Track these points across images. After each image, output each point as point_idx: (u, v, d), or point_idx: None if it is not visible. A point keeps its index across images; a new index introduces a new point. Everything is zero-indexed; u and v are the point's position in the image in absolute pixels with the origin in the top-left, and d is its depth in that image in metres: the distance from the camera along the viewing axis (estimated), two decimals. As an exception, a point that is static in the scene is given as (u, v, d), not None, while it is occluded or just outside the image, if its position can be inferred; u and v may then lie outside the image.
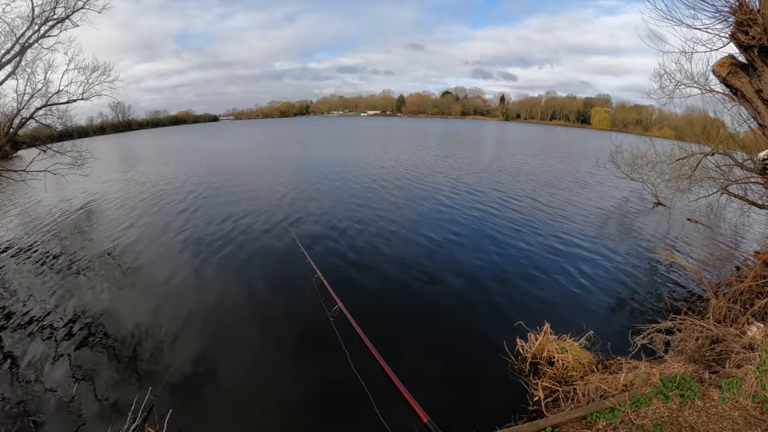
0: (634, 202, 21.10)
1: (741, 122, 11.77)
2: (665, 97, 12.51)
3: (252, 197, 21.23)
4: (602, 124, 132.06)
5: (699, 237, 15.08)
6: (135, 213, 18.80)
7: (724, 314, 7.79)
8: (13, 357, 7.87)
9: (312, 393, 6.85)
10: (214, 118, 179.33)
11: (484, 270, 11.74)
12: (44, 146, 17.71)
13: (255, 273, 11.78)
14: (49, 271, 12.17)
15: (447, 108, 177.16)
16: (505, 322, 8.31)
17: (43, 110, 17.26)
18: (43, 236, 15.76)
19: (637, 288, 10.92)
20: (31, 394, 6.83)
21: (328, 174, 28.28)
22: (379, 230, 15.23)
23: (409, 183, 24.72)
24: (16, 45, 15.16)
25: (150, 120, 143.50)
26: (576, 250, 13.41)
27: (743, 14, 6.73)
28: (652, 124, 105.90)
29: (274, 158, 40.94)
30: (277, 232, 15.09)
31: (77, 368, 7.51)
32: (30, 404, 6.57)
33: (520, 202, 20.02)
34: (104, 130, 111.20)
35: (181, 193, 22.70)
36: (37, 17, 15.20)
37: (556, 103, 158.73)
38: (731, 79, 7.50)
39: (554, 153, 48.52)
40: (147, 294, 10.65)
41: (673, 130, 33.37)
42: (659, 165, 16.27)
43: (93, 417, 6.27)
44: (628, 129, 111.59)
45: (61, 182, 18.96)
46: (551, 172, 31.21)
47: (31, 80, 16.48)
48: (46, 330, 8.82)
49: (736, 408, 5.12)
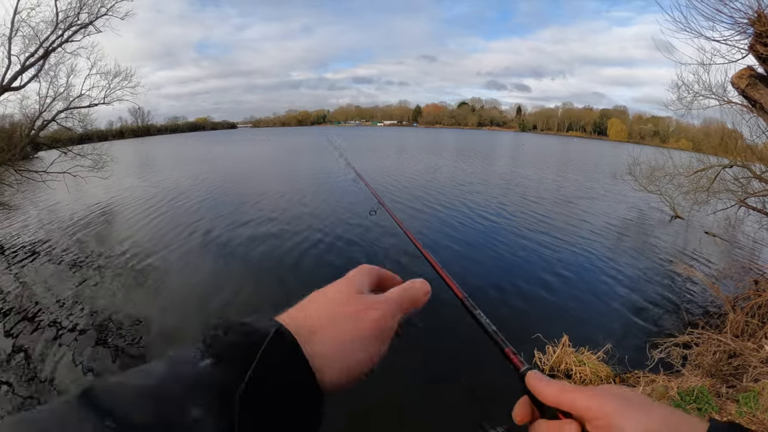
0: (651, 215, 20.85)
1: (759, 134, 11.60)
2: (683, 108, 12.41)
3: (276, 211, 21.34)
4: (619, 136, 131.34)
5: (716, 250, 14.84)
6: (155, 217, 18.93)
7: (741, 328, 7.65)
8: (28, 355, 7.98)
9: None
10: (232, 125, 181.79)
11: (503, 281, 11.64)
12: (65, 148, 18.05)
13: (281, 276, 11.85)
14: (67, 271, 12.35)
15: (463, 119, 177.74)
16: (523, 333, 8.17)
17: (65, 113, 17.62)
18: (62, 236, 15.98)
19: (655, 301, 10.77)
20: (44, 392, 6.91)
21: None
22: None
23: (427, 193, 24.69)
24: (40, 49, 15.54)
25: (168, 126, 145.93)
26: (594, 263, 13.28)
27: (762, 26, 6.67)
28: (669, 136, 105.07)
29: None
30: (306, 240, 15.18)
31: (92, 369, 7.57)
32: (37, 402, 6.61)
33: (537, 214, 19.88)
34: (123, 134, 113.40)
35: (202, 199, 22.93)
36: (61, 22, 15.58)
37: (573, 115, 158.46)
38: (750, 91, 7.41)
39: (572, 165, 48.21)
40: (165, 296, 10.73)
41: (690, 141, 33.06)
42: (677, 177, 16.07)
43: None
44: (645, 141, 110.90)
45: (80, 184, 19.23)
46: (569, 184, 31.02)
47: (53, 83, 16.84)
48: (61, 329, 8.92)
49: (753, 422, 5.02)
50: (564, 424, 0.66)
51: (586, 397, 0.64)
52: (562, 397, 0.67)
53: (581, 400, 0.64)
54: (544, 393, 0.69)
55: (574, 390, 0.66)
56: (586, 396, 0.64)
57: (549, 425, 0.68)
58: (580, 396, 0.65)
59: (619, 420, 0.60)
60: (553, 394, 0.68)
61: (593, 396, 0.64)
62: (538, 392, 0.70)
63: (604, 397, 0.63)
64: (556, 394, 0.67)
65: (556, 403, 0.68)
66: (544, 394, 0.69)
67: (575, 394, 0.65)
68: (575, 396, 0.65)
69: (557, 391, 0.68)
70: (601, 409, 0.62)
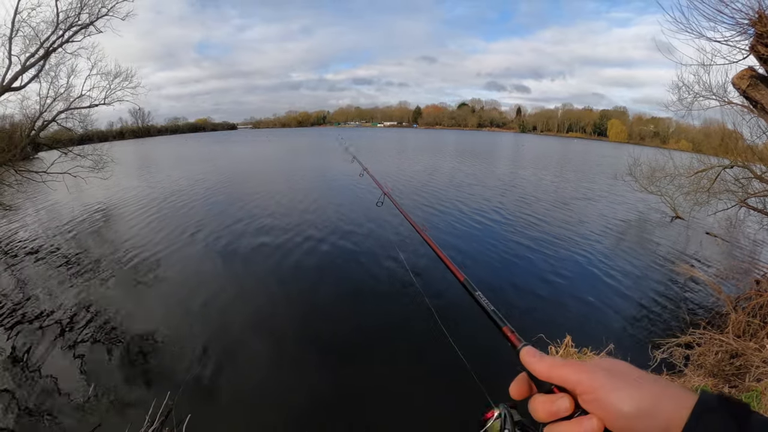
0: (652, 216, 20.82)
1: (760, 134, 11.59)
2: (684, 109, 12.38)
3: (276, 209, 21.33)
4: (619, 137, 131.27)
5: (718, 251, 14.84)
6: (157, 218, 18.94)
7: (743, 328, 7.64)
8: (30, 357, 7.95)
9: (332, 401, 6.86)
10: (233, 126, 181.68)
11: (505, 282, 11.65)
12: (65, 149, 18.05)
13: (284, 278, 11.82)
14: (68, 272, 12.33)
15: (463, 120, 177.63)
16: (526, 333, 8.13)
17: (65, 114, 17.62)
18: (62, 237, 15.99)
19: (657, 302, 10.77)
20: (48, 393, 6.88)
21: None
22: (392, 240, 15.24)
23: (426, 197, 24.68)
24: (41, 49, 15.53)
25: (169, 126, 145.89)
26: (595, 264, 13.28)
27: (763, 26, 6.66)
28: (669, 137, 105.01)
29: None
30: (309, 239, 15.16)
31: (94, 370, 7.54)
32: (47, 404, 6.61)
33: (538, 215, 19.88)
34: (123, 135, 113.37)
35: (205, 199, 22.93)
36: (62, 22, 15.58)
37: (573, 115, 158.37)
38: (751, 91, 7.40)
39: (572, 166, 48.23)
40: (166, 297, 10.71)
41: (691, 142, 33.07)
42: (677, 178, 16.05)
43: (109, 419, 6.27)
44: (645, 141, 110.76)
45: (80, 185, 19.23)
46: (569, 185, 31.04)
47: (54, 84, 16.85)
48: (63, 330, 8.90)
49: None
50: (557, 398, 0.68)
51: (575, 371, 0.67)
52: (554, 372, 0.69)
53: (571, 374, 0.67)
54: (537, 368, 0.72)
55: (564, 365, 0.69)
56: (575, 370, 0.67)
57: (544, 399, 0.70)
58: (571, 371, 0.67)
59: (609, 394, 0.62)
60: (546, 369, 0.71)
61: (583, 370, 0.66)
62: (532, 367, 0.73)
63: (593, 372, 0.65)
64: (548, 369, 0.70)
65: (548, 377, 0.70)
66: (537, 370, 0.72)
67: (566, 369, 0.68)
68: (566, 371, 0.68)
69: (549, 367, 0.70)
70: (591, 383, 0.64)
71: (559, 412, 0.67)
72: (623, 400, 0.61)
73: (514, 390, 0.77)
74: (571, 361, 0.69)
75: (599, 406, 0.63)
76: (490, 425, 0.92)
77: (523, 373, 0.76)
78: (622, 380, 0.63)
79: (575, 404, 0.67)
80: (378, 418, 6.48)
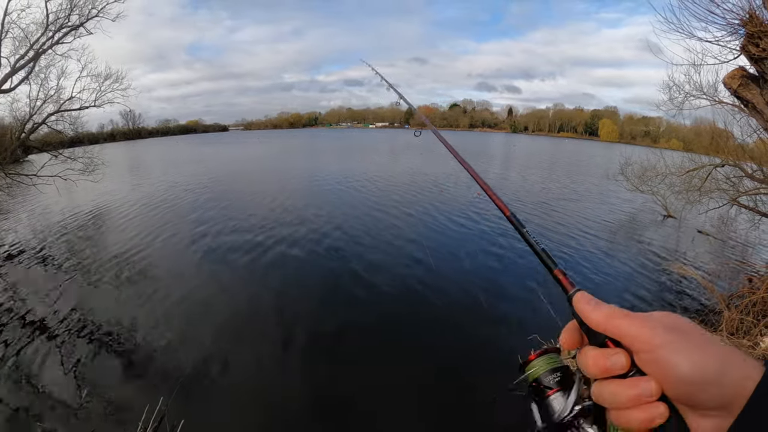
0: (644, 215, 20.94)
1: (750, 133, 11.69)
2: (674, 108, 12.46)
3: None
4: (610, 136, 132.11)
5: (710, 249, 14.96)
6: (147, 220, 18.84)
7: (736, 326, 7.68)
8: (21, 363, 7.85)
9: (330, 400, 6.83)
10: (224, 128, 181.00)
11: (497, 284, 11.64)
12: (56, 152, 17.88)
13: (275, 279, 11.80)
14: (58, 277, 12.21)
15: (455, 120, 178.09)
16: (520, 335, 8.17)
17: (55, 116, 17.46)
18: (53, 241, 15.83)
19: (650, 301, 10.80)
20: (38, 400, 6.79)
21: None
22: (387, 238, 15.23)
23: (414, 194, 24.69)
24: (30, 51, 15.38)
25: (160, 129, 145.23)
26: (588, 264, 13.32)
27: (754, 27, 6.72)
28: (660, 136, 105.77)
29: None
30: (290, 243, 15.10)
31: (86, 376, 7.45)
32: (37, 411, 6.52)
33: (529, 215, 19.92)
34: (114, 137, 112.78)
35: (192, 202, 22.80)
36: (52, 24, 15.43)
37: (564, 115, 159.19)
38: (742, 91, 7.46)
39: (563, 167, 48.43)
40: (158, 301, 10.59)
41: (681, 141, 33.31)
42: (669, 177, 16.17)
43: (102, 425, 6.21)
44: (637, 141, 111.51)
45: (71, 188, 19.06)
46: (560, 185, 31.15)
47: (44, 86, 16.66)
48: (54, 336, 8.79)
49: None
50: (612, 354, 0.63)
51: (636, 325, 0.61)
52: (610, 324, 0.63)
53: (631, 328, 0.61)
54: (592, 317, 0.66)
55: (623, 316, 0.63)
56: (636, 324, 0.61)
57: (596, 354, 0.65)
58: (630, 324, 0.61)
59: (669, 354, 0.57)
60: (601, 320, 0.65)
61: (643, 325, 0.60)
62: (585, 316, 0.67)
63: (654, 328, 0.59)
64: (605, 320, 0.64)
65: (603, 329, 0.64)
66: (591, 319, 0.66)
67: (624, 321, 0.62)
68: (624, 323, 0.62)
69: (605, 317, 0.64)
70: (651, 340, 0.58)
71: (614, 369, 0.62)
72: (686, 364, 0.55)
73: (564, 339, 0.72)
74: (632, 312, 0.62)
75: (658, 368, 0.57)
76: (534, 369, 0.86)
77: (574, 321, 0.70)
78: (687, 340, 0.57)
79: (631, 362, 0.61)
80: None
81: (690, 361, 0.55)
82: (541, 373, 0.83)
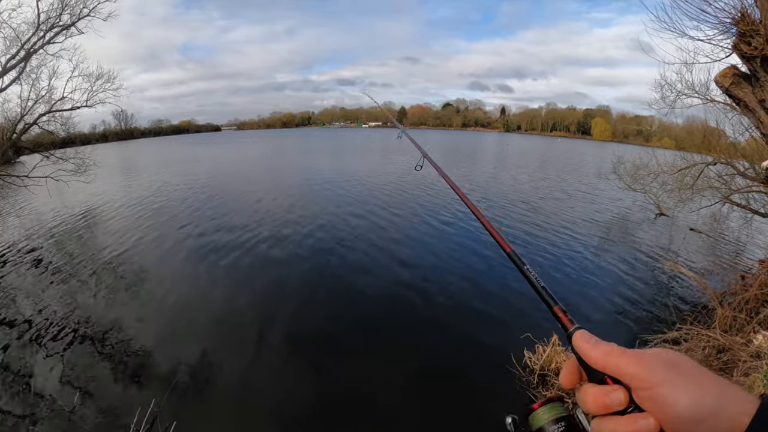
0: (636, 213, 21.03)
1: (742, 131, 11.79)
2: (667, 107, 12.55)
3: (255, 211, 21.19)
4: (603, 135, 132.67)
5: (702, 246, 15.03)
6: (137, 221, 18.74)
7: (729, 323, 7.73)
8: (11, 366, 7.78)
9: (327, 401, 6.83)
10: (216, 128, 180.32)
11: (490, 282, 11.65)
12: (47, 152, 17.74)
13: (267, 279, 11.75)
14: (49, 279, 12.11)
15: (448, 120, 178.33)
16: (513, 333, 8.12)
17: (47, 116, 17.32)
18: (44, 243, 15.70)
19: (643, 299, 10.86)
20: (29, 404, 6.72)
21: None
22: (377, 240, 15.22)
23: (405, 194, 24.69)
24: (21, 51, 15.23)
25: (152, 129, 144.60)
26: (580, 262, 13.35)
27: (745, 25, 6.75)
28: (652, 135, 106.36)
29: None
30: (280, 242, 15.06)
31: (77, 378, 7.38)
32: (28, 415, 6.46)
33: (521, 213, 19.98)
34: (107, 137, 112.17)
35: (184, 203, 22.69)
36: (43, 23, 15.28)
37: (557, 115, 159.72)
38: (734, 89, 7.50)
39: (556, 165, 48.61)
40: (149, 303, 10.53)
41: (674, 140, 33.47)
42: (661, 175, 16.26)
43: (93, 429, 6.16)
44: (629, 140, 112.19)
45: (62, 189, 18.92)
46: (553, 184, 31.23)
47: (35, 86, 16.53)
48: (44, 338, 8.71)
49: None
50: (611, 391, 0.64)
51: (633, 363, 0.62)
52: (609, 361, 0.65)
53: (629, 366, 0.63)
54: (591, 355, 0.68)
55: (621, 354, 0.64)
56: (633, 362, 0.62)
57: (595, 391, 0.66)
58: (628, 361, 0.63)
59: (667, 391, 0.58)
60: (600, 358, 0.66)
61: (641, 362, 0.62)
62: (585, 354, 0.69)
63: (651, 365, 0.61)
64: (603, 358, 0.66)
65: (602, 366, 0.66)
66: (591, 357, 0.68)
67: (622, 359, 0.64)
68: (622, 361, 0.63)
69: (604, 355, 0.66)
70: (649, 378, 0.60)
71: (612, 405, 0.63)
72: (683, 400, 0.57)
73: (564, 377, 0.73)
74: (630, 350, 0.65)
75: (656, 404, 0.59)
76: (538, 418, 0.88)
77: (574, 360, 0.72)
78: (683, 377, 0.59)
79: (630, 398, 0.63)
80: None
81: (687, 397, 0.57)
82: (545, 422, 0.85)
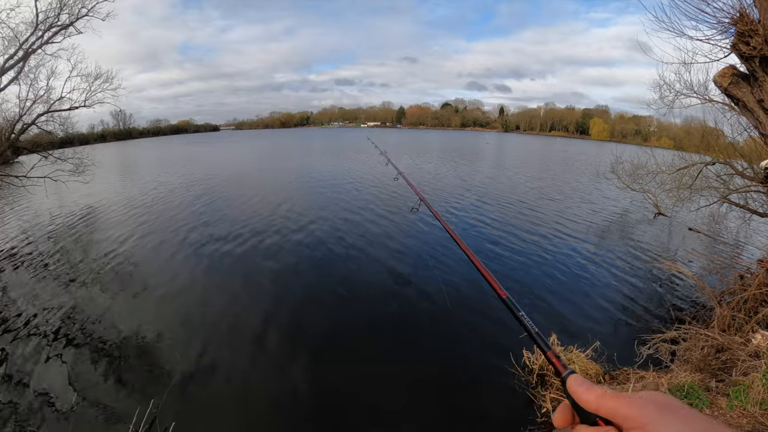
0: (635, 213, 21.07)
1: (741, 131, 11.76)
2: (665, 107, 12.51)
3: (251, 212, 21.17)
4: (601, 135, 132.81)
5: (701, 246, 15.06)
6: (136, 221, 18.77)
7: (728, 323, 7.75)
8: (11, 366, 7.77)
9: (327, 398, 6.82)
10: (215, 128, 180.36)
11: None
12: (45, 153, 17.68)
13: (262, 279, 11.76)
14: (49, 279, 12.11)
15: (446, 120, 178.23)
16: (512, 333, 8.14)
17: (45, 116, 17.23)
18: (43, 243, 15.71)
19: (642, 298, 10.87)
20: (28, 404, 6.72)
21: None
22: (373, 241, 15.22)
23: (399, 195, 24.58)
24: (20, 51, 15.16)
25: (151, 129, 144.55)
26: (579, 262, 13.37)
27: (744, 25, 6.76)
28: (650, 135, 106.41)
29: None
30: (276, 244, 15.03)
31: (77, 378, 7.39)
32: (27, 415, 6.46)
33: (521, 214, 19.98)
34: (105, 137, 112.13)
35: (183, 203, 22.68)
36: (41, 23, 15.21)
37: (555, 114, 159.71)
38: (733, 89, 7.51)
39: (556, 165, 48.63)
40: (148, 303, 10.54)
41: (672, 140, 33.51)
42: (660, 175, 16.25)
43: (92, 429, 6.16)
44: (627, 139, 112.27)
45: (61, 189, 18.89)
46: (552, 184, 31.26)
47: (33, 86, 16.42)
48: (44, 338, 8.71)
49: (745, 415, 5.09)
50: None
51: (625, 404, 0.65)
52: (602, 404, 0.68)
53: (621, 407, 0.65)
54: (584, 398, 0.71)
55: (613, 397, 0.67)
56: (625, 404, 0.65)
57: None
58: (620, 403, 0.65)
59: (658, 429, 0.60)
60: (593, 400, 0.69)
61: (632, 404, 0.64)
62: (578, 397, 0.72)
63: (643, 407, 0.63)
64: (596, 400, 0.69)
65: (595, 409, 0.69)
66: (584, 400, 0.71)
67: (615, 401, 0.66)
68: (615, 403, 0.66)
69: (597, 397, 0.69)
70: (640, 417, 0.62)
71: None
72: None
73: (557, 419, 0.76)
74: (621, 393, 0.68)
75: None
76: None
77: (567, 402, 0.75)
78: (673, 416, 0.61)
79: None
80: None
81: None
82: None
